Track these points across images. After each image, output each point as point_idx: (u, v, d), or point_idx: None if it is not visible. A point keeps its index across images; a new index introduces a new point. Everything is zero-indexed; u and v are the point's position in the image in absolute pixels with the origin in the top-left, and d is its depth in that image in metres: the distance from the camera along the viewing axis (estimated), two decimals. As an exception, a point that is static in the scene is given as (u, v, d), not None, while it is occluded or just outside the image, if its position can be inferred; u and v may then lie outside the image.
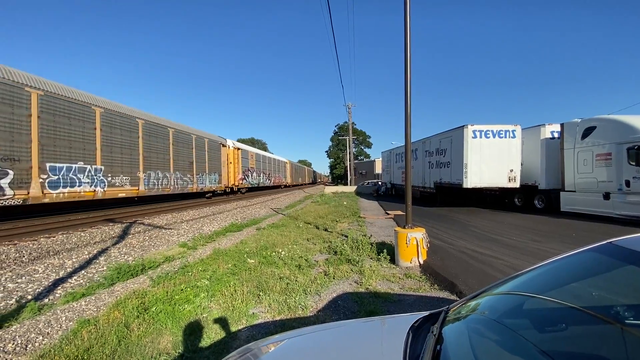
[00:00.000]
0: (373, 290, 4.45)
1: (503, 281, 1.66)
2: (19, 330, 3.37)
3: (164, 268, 5.66)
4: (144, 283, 4.82)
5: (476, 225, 10.44)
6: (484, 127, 14.08)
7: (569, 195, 12.35)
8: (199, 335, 3.27)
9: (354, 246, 6.65)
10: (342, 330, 1.91)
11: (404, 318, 1.82)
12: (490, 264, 5.70)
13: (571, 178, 12.23)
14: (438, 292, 4.46)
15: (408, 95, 6.35)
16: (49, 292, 4.81)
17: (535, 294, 1.45)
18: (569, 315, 1.24)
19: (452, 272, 5.18)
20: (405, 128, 6.44)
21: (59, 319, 3.66)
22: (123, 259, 6.60)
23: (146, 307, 3.85)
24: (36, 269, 5.79)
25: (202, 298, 4.10)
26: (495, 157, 13.87)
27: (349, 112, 40.43)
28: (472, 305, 1.59)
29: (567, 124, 12.56)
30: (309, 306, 3.96)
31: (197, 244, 7.92)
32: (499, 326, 1.33)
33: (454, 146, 15.28)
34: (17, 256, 6.50)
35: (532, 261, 5.71)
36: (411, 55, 6.36)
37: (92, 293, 4.59)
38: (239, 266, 5.59)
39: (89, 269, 5.91)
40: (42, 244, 7.51)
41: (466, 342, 1.28)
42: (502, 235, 8.52)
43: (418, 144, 20.00)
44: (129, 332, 3.29)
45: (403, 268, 5.65)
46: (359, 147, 75.57)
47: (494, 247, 7.06)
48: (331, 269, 5.35)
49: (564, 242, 7.53)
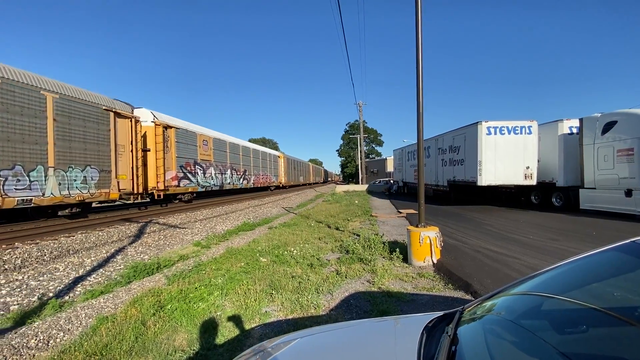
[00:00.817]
0: (386, 290, 4.41)
1: (520, 281, 1.62)
2: (41, 326, 3.49)
3: (178, 267, 5.76)
4: (160, 281, 4.92)
5: (491, 224, 10.24)
6: (499, 123, 13.79)
7: (588, 193, 11.97)
8: (213, 332, 3.32)
9: (366, 245, 6.62)
10: (354, 329, 1.90)
11: (417, 318, 1.80)
12: (506, 264, 5.58)
13: (591, 175, 11.85)
14: (452, 292, 4.39)
15: (420, 92, 6.26)
16: (69, 290, 4.97)
17: (554, 295, 1.40)
18: (589, 317, 1.19)
19: (466, 271, 5.09)
20: (417, 125, 6.36)
21: (79, 315, 3.77)
22: (139, 257, 6.75)
23: (162, 304, 3.92)
24: (57, 267, 5.98)
25: (216, 296, 4.16)
26: (511, 153, 13.58)
27: (360, 111, 40.26)
28: (488, 305, 1.56)
29: (587, 118, 12.16)
30: (321, 305, 3.96)
31: (211, 243, 8.03)
32: (516, 327, 1.30)
33: (467, 143, 15.02)
34: (39, 255, 6.74)
35: (550, 261, 5.56)
36: (422, 51, 6.27)
37: (110, 291, 4.71)
38: (251, 265, 5.64)
39: (107, 267, 6.07)
40: (63, 243, 7.75)
41: (482, 343, 1.25)
42: (518, 234, 8.33)
43: (431, 142, 19.74)
44: (146, 329, 3.36)
45: (416, 267, 5.59)
46: (370, 145, 75.24)
47: (510, 246, 6.90)
48: (343, 268, 5.34)
49: (583, 241, 7.30)
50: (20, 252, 6.74)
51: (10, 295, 4.64)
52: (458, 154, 16.13)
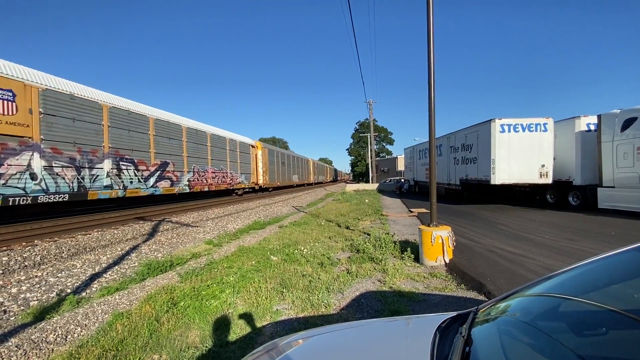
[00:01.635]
0: (397, 289, 4.38)
1: (536, 282, 1.58)
2: (59, 321, 3.59)
3: (191, 264, 5.84)
4: (173, 279, 5.00)
5: (505, 223, 10.04)
6: (513, 120, 13.52)
7: (607, 191, 11.61)
8: (225, 330, 3.36)
9: (376, 244, 6.58)
10: (366, 329, 1.89)
11: (430, 318, 1.78)
12: (521, 264, 5.46)
13: (610, 173, 11.49)
14: (465, 292, 4.33)
15: (432, 89, 6.18)
16: (86, 286, 5.10)
17: (572, 296, 1.36)
18: (609, 319, 1.16)
19: (479, 271, 5.01)
20: (429, 123, 6.29)
21: (95, 311, 3.87)
22: (153, 255, 6.88)
23: (175, 302, 3.99)
24: (74, 264, 6.15)
25: (228, 294, 4.20)
26: (525, 151, 13.31)
27: (370, 109, 40.03)
28: (503, 306, 1.53)
29: (605, 115, 11.79)
30: (332, 304, 3.96)
31: (222, 242, 8.12)
32: (532, 329, 1.27)
33: (480, 141, 14.78)
34: (57, 252, 6.94)
35: (566, 261, 5.43)
36: (434, 48, 6.19)
37: (125, 288, 4.81)
38: (262, 263, 5.68)
39: (121, 265, 6.21)
40: (80, 240, 7.97)
41: (497, 345, 1.23)
42: (533, 234, 8.14)
43: (442, 140, 19.49)
44: (160, 325, 3.42)
45: (428, 267, 5.53)
46: (380, 144, 74.75)
47: (525, 246, 6.76)
48: (354, 267, 5.32)
49: (602, 241, 7.09)
50: (39, 250, 6.95)
51: (30, 291, 4.79)
52: (471, 152, 15.88)
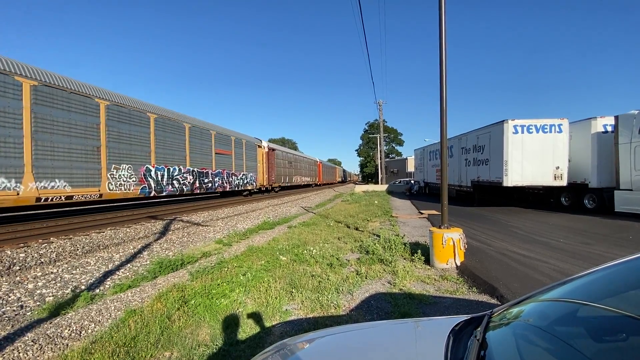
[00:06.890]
0: (407, 291, 4.34)
1: (551, 286, 1.54)
2: (74, 317, 3.67)
3: (201, 263, 5.90)
4: (184, 277, 5.06)
5: (518, 226, 9.86)
6: (526, 121, 13.27)
7: (624, 194, 11.29)
8: (235, 328, 3.38)
9: (386, 246, 6.54)
10: (377, 330, 1.88)
11: (442, 321, 1.76)
12: (535, 267, 5.35)
13: (627, 175, 11.17)
14: (477, 295, 4.26)
15: (443, 89, 6.11)
16: (100, 283, 5.20)
17: (590, 302, 1.33)
18: (629, 325, 1.12)
19: (492, 274, 4.93)
20: (440, 124, 6.22)
21: (108, 308, 3.94)
22: (164, 253, 6.98)
23: (186, 300, 4.04)
24: (88, 261, 6.28)
25: (238, 293, 4.23)
26: (539, 153, 13.06)
27: (380, 110, 39.77)
28: (518, 310, 1.50)
29: (623, 116, 11.47)
30: (341, 305, 3.94)
31: (232, 241, 8.18)
32: (549, 334, 1.24)
33: (492, 142, 14.55)
34: (72, 249, 7.10)
35: (582, 265, 5.30)
36: (446, 48, 6.12)
37: (137, 285, 4.89)
38: (272, 263, 5.70)
39: (134, 263, 6.31)
40: (94, 238, 8.14)
41: (513, 349, 1.20)
42: (547, 237, 7.97)
43: (454, 141, 19.26)
44: (171, 323, 3.47)
45: (438, 269, 5.47)
46: (390, 144, 74.26)
47: (538, 250, 6.62)
48: (363, 269, 5.30)
49: (620, 246, 6.90)
50: (55, 247, 7.12)
51: (45, 287, 4.91)
52: (482, 154, 15.64)
